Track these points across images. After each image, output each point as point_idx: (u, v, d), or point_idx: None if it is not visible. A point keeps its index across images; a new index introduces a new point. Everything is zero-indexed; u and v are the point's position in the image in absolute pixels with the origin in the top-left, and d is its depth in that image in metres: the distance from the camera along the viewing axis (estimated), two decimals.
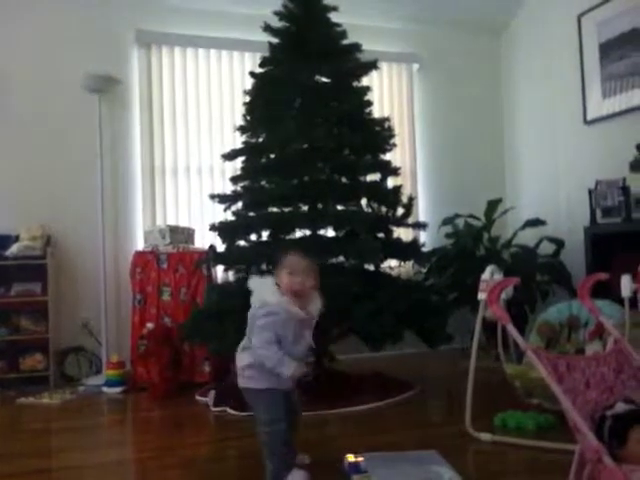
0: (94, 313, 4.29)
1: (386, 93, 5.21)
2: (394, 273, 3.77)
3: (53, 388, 3.96)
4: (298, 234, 3.69)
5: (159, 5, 4.59)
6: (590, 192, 4.12)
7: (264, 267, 3.64)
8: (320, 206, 3.60)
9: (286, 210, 3.63)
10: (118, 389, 3.88)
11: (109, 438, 3.05)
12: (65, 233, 4.31)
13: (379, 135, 3.75)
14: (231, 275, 3.95)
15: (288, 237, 3.65)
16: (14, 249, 4.02)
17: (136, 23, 4.55)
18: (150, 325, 3.87)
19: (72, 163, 4.40)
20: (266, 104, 3.75)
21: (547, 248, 4.55)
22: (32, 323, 4.07)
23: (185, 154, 4.67)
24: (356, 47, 3.77)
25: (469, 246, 4.52)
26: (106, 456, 2.67)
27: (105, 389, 3.90)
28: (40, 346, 4.03)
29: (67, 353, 4.23)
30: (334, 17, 3.78)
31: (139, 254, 4.22)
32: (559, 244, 4.54)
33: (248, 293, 3.32)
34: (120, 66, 4.53)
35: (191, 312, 3.74)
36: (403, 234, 4.01)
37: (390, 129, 3.77)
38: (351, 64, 3.79)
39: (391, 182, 3.90)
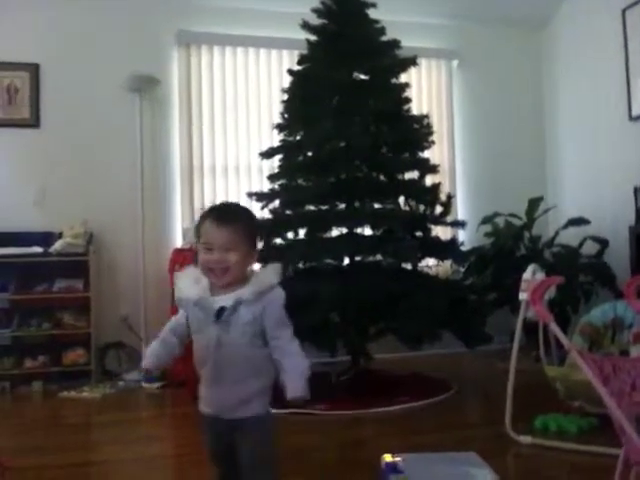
0: (134, 309, 4.35)
1: (425, 90, 5.15)
2: (432, 272, 3.73)
3: (94, 382, 4.03)
4: (335, 232, 3.68)
5: (199, 5, 4.63)
6: (635, 190, 4.00)
7: (301, 265, 3.65)
8: (357, 204, 3.59)
9: (323, 208, 3.63)
10: (157, 384, 3.93)
11: (147, 432, 3.08)
12: (106, 230, 4.39)
13: (417, 132, 3.72)
14: None
15: (325, 235, 3.65)
16: (57, 246, 4.11)
17: (177, 23, 4.61)
18: None
19: (113, 162, 4.48)
20: (303, 102, 3.75)
21: (590, 248, 4.43)
22: (74, 318, 4.16)
23: (223, 152, 4.70)
24: (394, 44, 3.74)
25: (509, 245, 4.44)
26: (144, 450, 2.71)
27: (144, 384, 3.96)
28: (82, 341, 4.11)
29: (108, 348, 4.31)
30: (372, 14, 3.76)
31: (178, 251, 4.27)
32: (603, 244, 4.42)
33: (286, 291, 3.34)
34: (161, 66, 4.59)
35: None
36: (441, 233, 3.95)
37: (429, 126, 3.73)
38: (389, 61, 3.76)
39: (429, 180, 3.85)
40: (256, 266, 1.70)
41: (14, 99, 4.40)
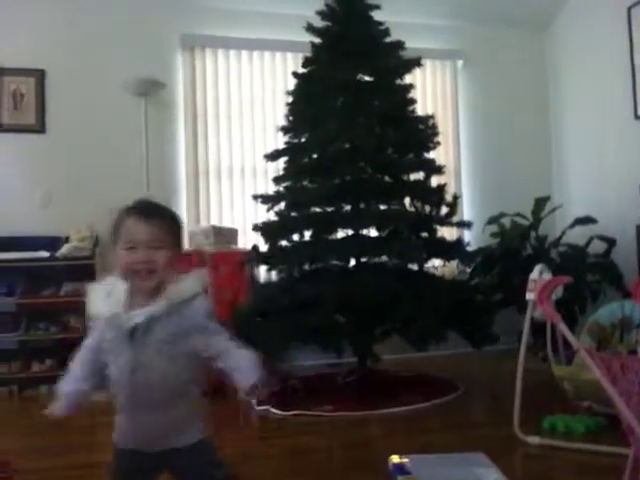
0: None
1: (430, 90, 5.14)
2: (438, 273, 3.72)
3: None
4: (340, 234, 3.68)
5: (203, 8, 4.64)
6: None
7: (306, 267, 3.65)
8: (362, 206, 3.59)
9: (328, 210, 3.63)
10: None
11: None
12: None
13: (422, 133, 3.72)
14: (274, 275, 3.97)
15: (330, 237, 3.65)
16: (64, 250, 4.13)
17: (181, 27, 4.62)
18: None
19: (118, 165, 4.49)
20: (308, 104, 3.76)
21: (597, 247, 4.41)
22: (81, 322, 4.16)
23: (228, 155, 4.71)
24: (399, 45, 3.75)
25: (515, 245, 4.43)
26: None
27: None
28: None
29: None
30: (377, 15, 3.76)
31: (183, 254, 4.26)
32: (610, 243, 4.39)
33: (292, 293, 3.35)
34: (165, 69, 4.60)
35: (234, 312, 3.75)
36: (447, 233, 3.94)
37: (433, 127, 3.73)
38: (394, 62, 3.76)
39: (435, 180, 3.84)
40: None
41: (20, 105, 4.42)
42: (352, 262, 3.60)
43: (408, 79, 3.89)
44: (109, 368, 1.43)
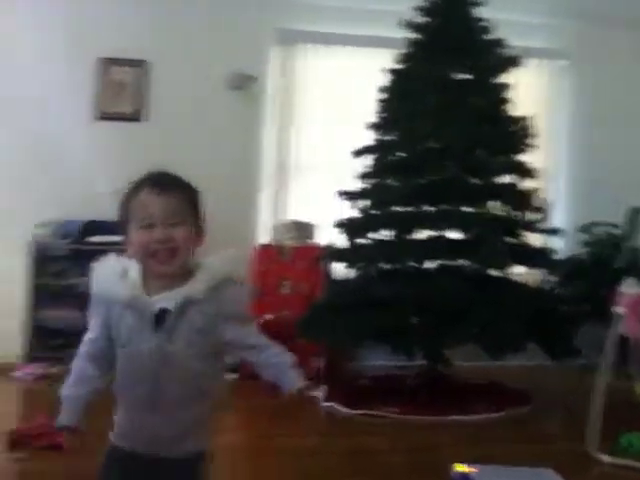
0: None
1: (529, 90, 4.89)
2: (521, 280, 3.55)
3: None
4: (422, 235, 3.59)
5: (299, 3, 4.66)
6: None
7: (384, 266, 3.59)
8: (447, 207, 3.49)
9: (411, 210, 3.56)
10: (234, 375, 3.98)
11: (221, 422, 3.11)
12: None
13: (516, 135, 3.58)
14: (352, 272, 3.93)
15: (411, 237, 3.57)
16: None
17: (276, 22, 4.66)
18: (268, 316, 3.94)
19: (207, 156, 4.57)
20: (400, 101, 3.72)
21: None
22: None
23: (314, 151, 4.72)
24: (499, 42, 3.64)
25: (606, 256, 4.16)
26: (215, 439, 2.73)
27: None
28: None
29: None
30: (478, 11, 3.65)
31: (262, 247, 4.32)
32: None
33: (367, 291, 3.30)
34: (258, 64, 4.66)
35: (308, 307, 3.75)
36: (535, 240, 3.74)
37: (529, 128, 3.58)
38: (493, 60, 3.65)
39: (526, 184, 3.67)
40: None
41: (123, 94, 4.63)
42: (432, 264, 3.50)
43: (507, 78, 3.75)
44: (120, 360, 1.26)
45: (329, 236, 4.42)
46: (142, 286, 1.25)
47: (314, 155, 4.72)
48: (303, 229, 4.29)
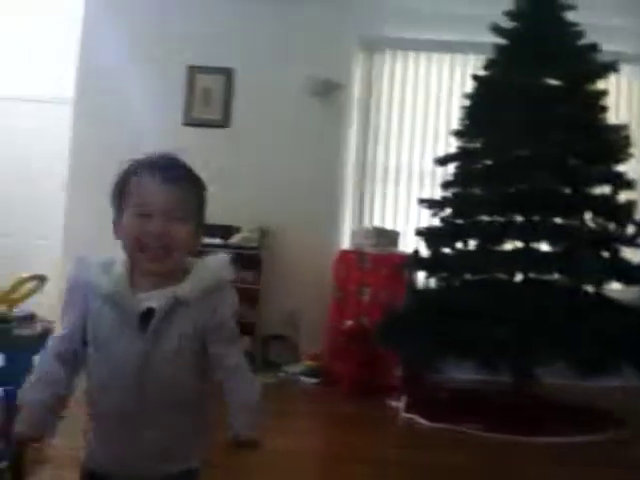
0: (298, 305, 4.46)
1: (625, 97, 4.67)
2: (616, 296, 3.37)
3: (257, 370, 4.18)
4: (508, 246, 3.48)
5: (384, 10, 4.63)
6: None
7: (468, 277, 3.50)
8: (536, 217, 3.36)
9: (497, 219, 3.45)
10: (314, 380, 4.00)
11: (299, 426, 3.13)
12: (280, 228, 4.56)
13: (613, 144, 3.40)
14: (433, 282, 3.86)
15: (497, 248, 3.46)
16: (235, 239, 4.37)
17: (360, 28, 4.66)
18: (348, 323, 3.93)
19: (292, 162, 4.63)
20: (487, 108, 3.63)
21: None
22: (244, 308, 4.37)
23: (397, 157, 4.68)
24: (593, 48, 3.49)
25: None
26: (294, 443, 2.75)
27: (302, 378, 4.04)
28: (249, 330, 4.30)
29: (271, 339, 4.47)
30: (570, 16, 3.51)
31: (344, 253, 4.31)
32: None
33: (450, 302, 3.22)
34: (341, 70, 4.67)
35: (386, 315, 3.70)
36: (632, 255, 3.54)
37: (627, 137, 3.39)
38: (587, 66, 3.49)
39: (624, 196, 3.48)
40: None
41: (208, 101, 4.74)
42: (519, 276, 3.38)
43: (602, 85, 3.58)
44: (95, 364, 1.11)
45: (411, 244, 4.37)
46: (128, 281, 1.10)
47: (398, 162, 4.68)
48: (385, 236, 4.25)
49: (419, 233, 3.73)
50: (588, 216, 3.37)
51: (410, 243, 4.42)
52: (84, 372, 1.14)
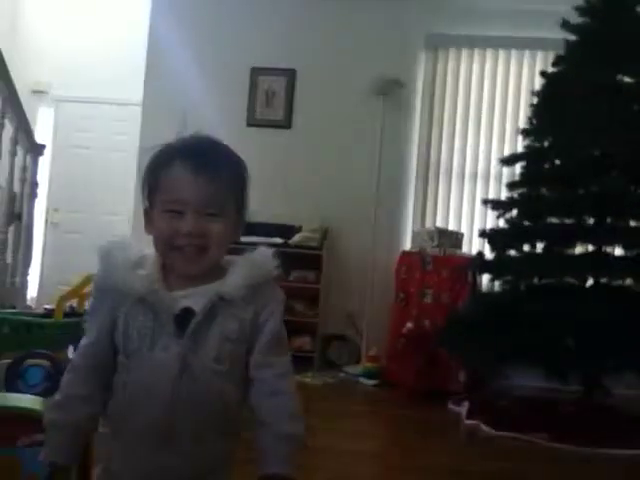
0: (358, 305, 4.45)
1: None
2: None
3: (316, 370, 4.21)
4: (578, 249, 3.35)
5: (450, 7, 4.56)
6: None
7: (535, 281, 3.40)
8: (609, 220, 3.22)
9: (567, 222, 3.33)
10: (373, 382, 3.97)
11: (357, 427, 3.10)
12: (341, 228, 4.56)
13: None
14: (497, 285, 3.76)
15: (566, 251, 3.34)
16: (296, 238, 4.39)
17: (426, 26, 4.60)
18: (409, 325, 3.88)
19: (353, 162, 4.63)
20: (556, 106, 3.49)
21: None
22: (304, 307, 4.39)
23: (461, 157, 4.60)
24: None
25: None
26: (351, 444, 2.73)
27: (362, 379, 4.02)
28: (309, 330, 4.32)
29: (331, 340, 4.47)
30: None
31: (405, 254, 4.26)
32: None
33: (516, 307, 3.13)
34: (406, 69, 4.62)
35: (449, 318, 3.64)
36: None
37: None
38: None
39: None
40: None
41: (271, 102, 4.79)
42: (589, 281, 3.26)
43: None
44: (125, 373, 0.98)
45: (475, 246, 4.29)
46: (161, 279, 0.99)
47: (462, 162, 4.60)
48: (448, 237, 4.18)
49: (483, 235, 3.64)
50: None
51: (474, 245, 4.35)
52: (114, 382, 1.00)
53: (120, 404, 0.98)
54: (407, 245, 4.50)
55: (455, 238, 4.24)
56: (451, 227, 4.46)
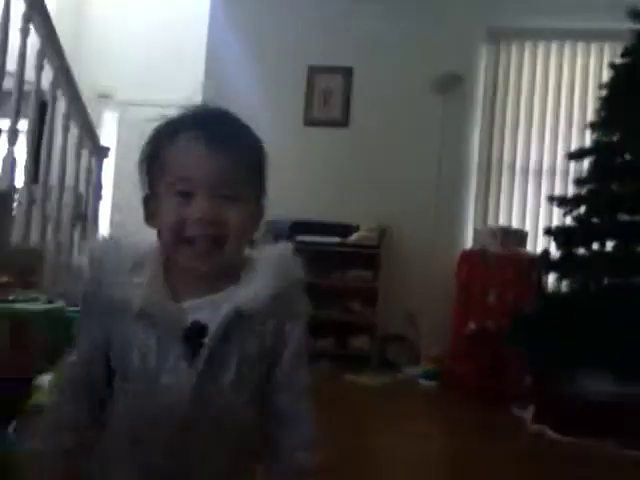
0: (418, 305, 4.37)
1: None
2: None
3: (374, 370, 4.16)
4: None
5: None
6: None
7: (606, 281, 3.25)
8: None
9: (639, 219, 3.17)
10: (433, 383, 3.89)
11: (417, 429, 3.04)
12: (400, 226, 4.50)
13: None
14: (565, 285, 3.62)
15: (638, 249, 3.18)
16: (354, 237, 4.36)
17: (488, 19, 4.49)
18: (472, 325, 3.79)
19: (413, 160, 4.56)
20: (626, 98, 3.34)
21: None
22: (362, 307, 4.35)
23: (525, 153, 4.47)
24: None
25: None
26: (411, 447, 2.68)
27: (421, 380, 3.95)
28: (367, 329, 4.27)
29: (390, 339, 4.41)
30: None
31: (467, 252, 4.16)
32: None
33: (586, 307, 3.00)
34: (466, 64, 4.52)
35: (514, 318, 3.52)
36: None
37: None
38: None
39: None
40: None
41: (328, 100, 4.77)
42: None
43: None
44: (124, 403, 0.81)
45: (540, 244, 4.15)
46: (165, 286, 0.81)
47: (525, 158, 4.46)
48: (511, 235, 4.06)
49: (549, 232, 3.51)
50: None
51: (538, 243, 4.21)
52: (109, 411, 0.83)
53: (116, 439, 0.81)
54: (468, 244, 4.39)
55: (519, 236, 4.11)
56: (514, 224, 4.33)
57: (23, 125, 2.81)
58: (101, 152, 4.08)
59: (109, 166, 4.89)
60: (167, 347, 0.79)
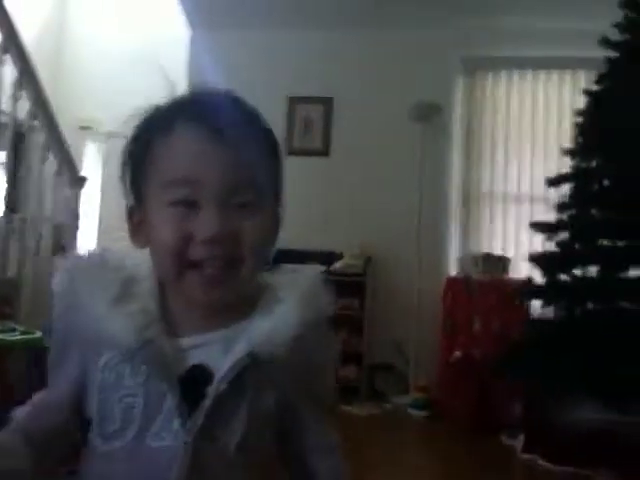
0: (404, 333, 4.35)
1: None
2: None
3: (362, 400, 4.12)
4: (634, 272, 3.21)
5: (487, 29, 4.49)
6: None
7: (590, 306, 3.27)
8: None
9: (621, 244, 3.21)
10: (423, 413, 3.86)
11: (406, 460, 3.01)
12: (384, 254, 4.49)
13: None
14: (549, 311, 3.64)
15: (621, 275, 3.21)
16: (338, 265, 4.34)
17: (462, 50, 4.56)
18: (457, 353, 3.78)
19: (393, 188, 4.58)
20: (601, 124, 3.40)
21: None
22: (349, 336, 4.32)
23: (503, 180, 4.52)
24: None
25: None
26: (401, 478, 2.64)
27: (410, 410, 3.92)
28: (354, 358, 4.24)
29: (378, 369, 4.38)
30: None
31: (451, 280, 4.17)
32: None
33: (572, 334, 3.00)
34: (444, 93, 4.58)
35: (505, 345, 3.50)
36: None
37: None
38: None
39: None
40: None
41: (309, 130, 4.79)
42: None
43: None
44: (102, 465, 0.65)
45: (522, 270, 4.16)
46: (160, 315, 0.65)
47: (504, 185, 4.51)
48: (494, 262, 4.09)
49: (532, 259, 3.53)
50: None
51: (520, 269, 4.23)
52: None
53: None
54: (452, 271, 4.41)
55: (502, 263, 4.14)
56: (496, 251, 4.36)
57: (1, 156, 2.78)
58: (77, 182, 4.03)
59: (94, 198, 4.84)
60: (159, 397, 0.62)
